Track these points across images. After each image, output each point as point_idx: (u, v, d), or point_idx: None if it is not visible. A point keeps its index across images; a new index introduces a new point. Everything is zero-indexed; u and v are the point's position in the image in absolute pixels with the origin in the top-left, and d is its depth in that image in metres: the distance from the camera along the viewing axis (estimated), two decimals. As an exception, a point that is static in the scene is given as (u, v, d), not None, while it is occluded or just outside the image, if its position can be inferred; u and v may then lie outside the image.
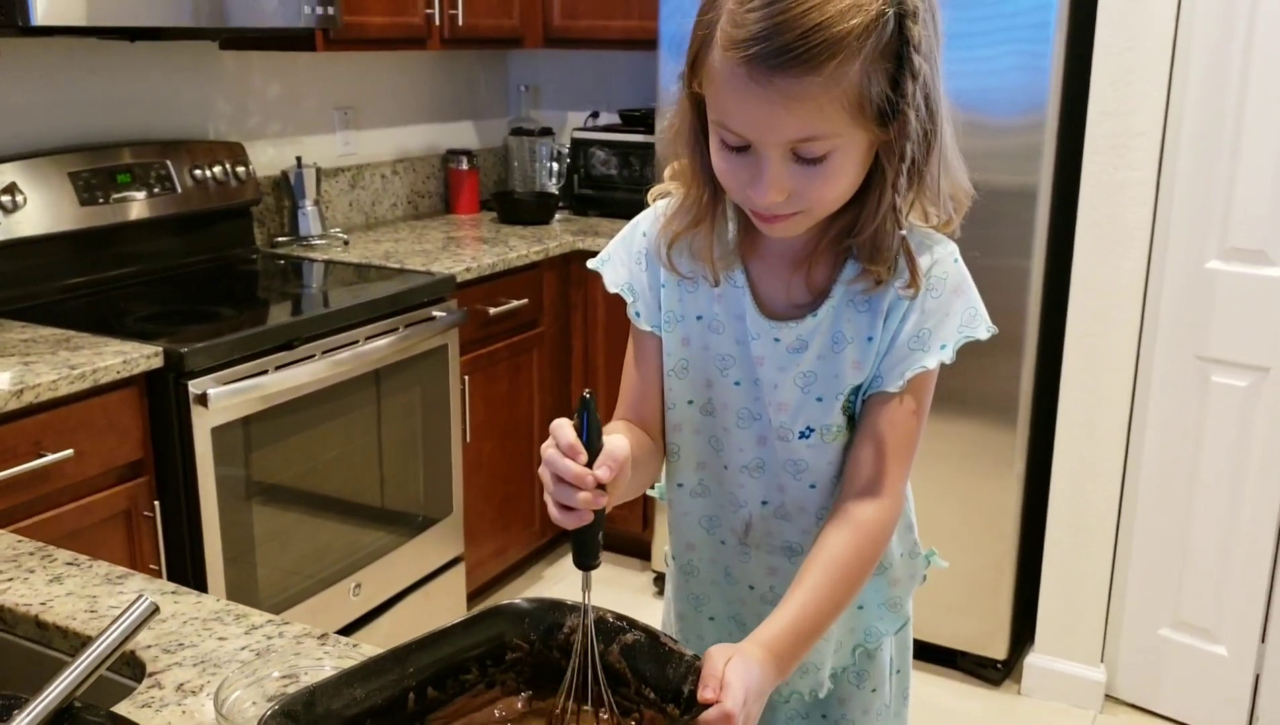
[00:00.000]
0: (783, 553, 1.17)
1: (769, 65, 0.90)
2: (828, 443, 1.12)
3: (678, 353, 1.16)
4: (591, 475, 0.91)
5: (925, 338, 1.07)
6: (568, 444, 0.91)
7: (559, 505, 0.92)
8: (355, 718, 0.87)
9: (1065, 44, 2.51)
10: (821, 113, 0.92)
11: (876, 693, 1.26)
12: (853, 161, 0.98)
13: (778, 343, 1.10)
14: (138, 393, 2.07)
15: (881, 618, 1.25)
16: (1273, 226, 2.37)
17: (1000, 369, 2.68)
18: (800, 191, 0.97)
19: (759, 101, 0.92)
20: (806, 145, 0.95)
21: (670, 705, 0.90)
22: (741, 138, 0.96)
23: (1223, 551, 2.56)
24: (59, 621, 1.14)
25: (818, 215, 1.02)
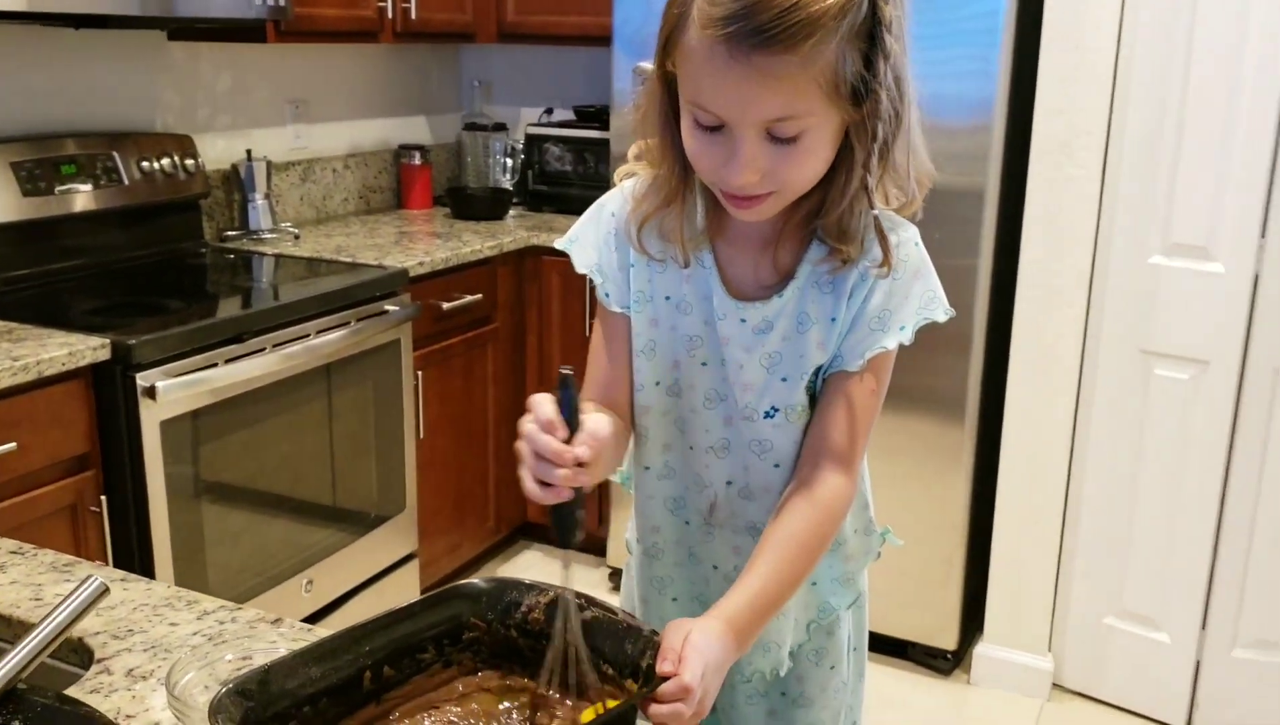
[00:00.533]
0: (747, 532, 1.18)
1: (747, 43, 0.91)
2: (792, 422, 1.13)
3: (646, 333, 1.16)
4: (571, 452, 0.90)
5: (886, 319, 1.08)
6: (546, 420, 0.91)
7: (537, 481, 0.91)
8: (311, 697, 0.87)
9: (1013, 47, 2.55)
10: (798, 92, 0.93)
11: (835, 669, 1.27)
12: (825, 141, 0.99)
13: (744, 323, 1.11)
14: (84, 385, 2.04)
15: (835, 593, 1.26)
16: (1214, 222, 2.42)
17: (949, 366, 2.71)
18: (773, 171, 0.98)
19: (736, 80, 0.93)
20: (781, 125, 0.95)
21: (629, 680, 0.90)
22: (716, 117, 0.97)
23: (1165, 541, 2.62)
24: (2, 610, 1.12)
25: (789, 197, 1.03)
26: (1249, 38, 2.32)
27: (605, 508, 3.24)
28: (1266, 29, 2.30)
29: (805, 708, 1.27)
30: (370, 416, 2.68)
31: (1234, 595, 2.58)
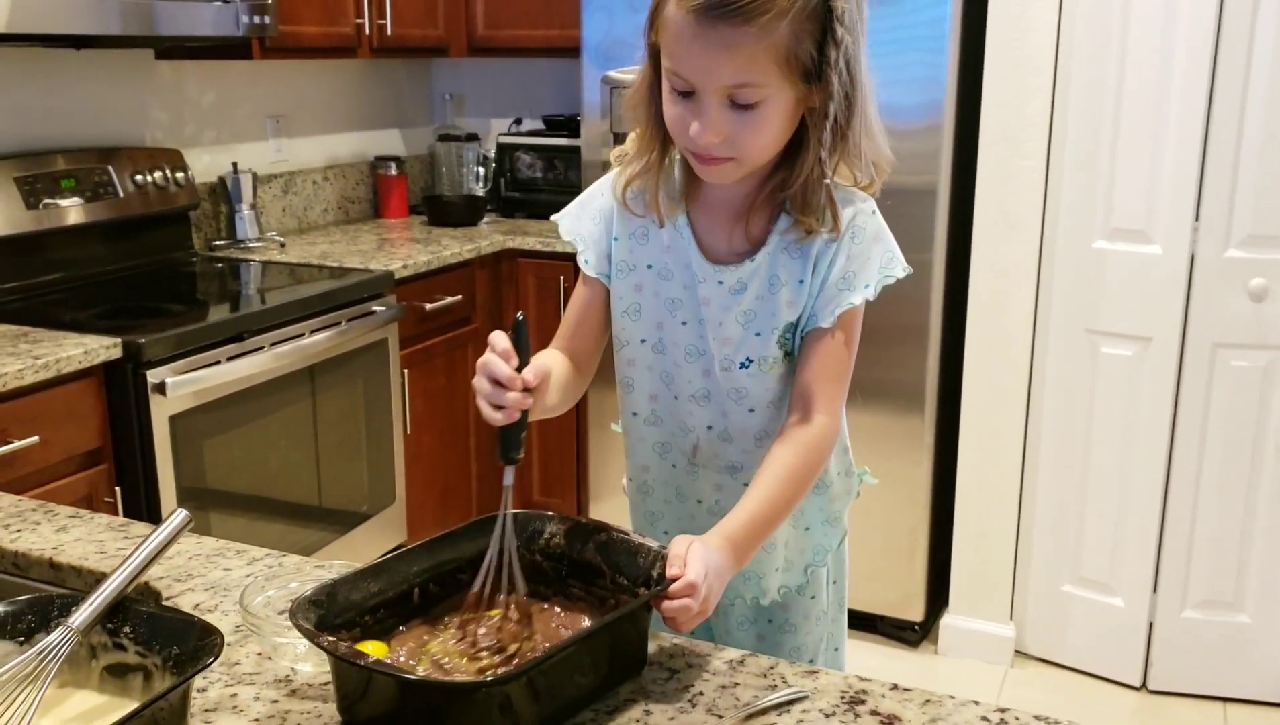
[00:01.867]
0: (727, 471, 1.33)
1: (712, 15, 1.07)
2: (765, 372, 1.27)
3: (630, 297, 1.30)
4: (520, 378, 1.05)
5: (851, 279, 1.23)
6: (503, 350, 1.06)
7: (491, 405, 1.06)
8: (373, 608, 1.00)
9: (959, 51, 2.72)
10: (755, 62, 1.09)
11: (815, 599, 1.42)
12: (780, 114, 1.14)
13: (721, 285, 1.25)
14: (97, 383, 2.15)
15: (825, 534, 1.41)
16: (1151, 207, 2.60)
17: (909, 354, 2.88)
18: (733, 136, 1.13)
19: (702, 47, 1.09)
20: (741, 91, 1.11)
21: (641, 588, 1.04)
22: (687, 82, 1.12)
23: (1116, 510, 2.79)
24: (72, 562, 1.24)
25: (747, 165, 1.18)
26: (1179, 34, 2.50)
27: (584, 497, 3.38)
28: (1195, 26, 2.48)
29: (790, 633, 1.41)
30: (360, 413, 2.80)
31: (1182, 559, 2.75)
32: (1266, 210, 2.52)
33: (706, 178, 1.21)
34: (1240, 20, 2.45)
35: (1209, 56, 2.48)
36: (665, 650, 1.07)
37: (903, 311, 2.87)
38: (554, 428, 3.39)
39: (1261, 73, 2.46)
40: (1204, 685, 2.78)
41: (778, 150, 1.19)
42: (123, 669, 0.94)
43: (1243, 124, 2.49)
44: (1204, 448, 2.68)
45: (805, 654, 1.43)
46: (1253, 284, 2.55)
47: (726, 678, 1.03)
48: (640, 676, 1.02)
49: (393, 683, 0.88)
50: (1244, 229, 2.54)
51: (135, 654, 0.93)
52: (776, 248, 1.24)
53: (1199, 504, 2.71)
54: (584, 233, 1.32)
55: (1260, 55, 2.45)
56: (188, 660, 0.88)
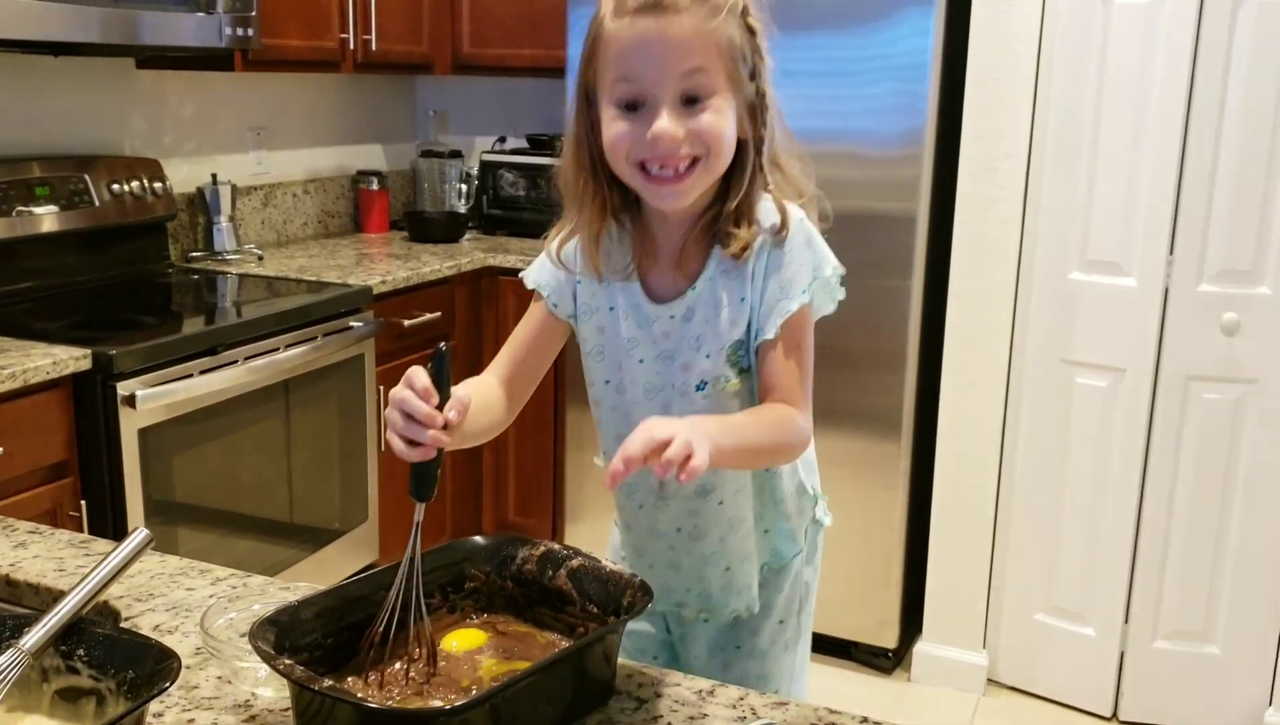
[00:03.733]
0: (698, 495, 1.33)
1: (653, 11, 1.12)
2: (720, 391, 1.28)
3: (594, 339, 1.33)
4: (441, 416, 1.04)
5: (787, 287, 1.25)
6: (423, 387, 1.04)
7: (406, 441, 1.04)
8: (337, 630, 0.98)
9: (940, 81, 2.74)
10: (704, 49, 1.13)
11: (783, 624, 1.41)
12: (729, 111, 1.17)
13: (673, 318, 1.28)
14: (65, 395, 2.12)
15: (784, 542, 1.42)
16: (1125, 240, 2.62)
17: (885, 381, 2.88)
18: (694, 132, 1.15)
19: (653, 41, 1.13)
20: (693, 78, 1.14)
21: (611, 617, 1.03)
22: (638, 88, 1.14)
23: (1089, 539, 2.79)
24: (29, 579, 1.22)
25: (712, 168, 1.19)
26: (1155, 71, 2.53)
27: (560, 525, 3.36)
28: (1172, 63, 2.51)
29: (758, 660, 1.41)
30: (335, 429, 2.78)
31: (1153, 590, 2.76)
32: (1239, 246, 2.54)
33: (666, 201, 1.21)
34: (1215, 58, 2.48)
35: (1184, 93, 2.51)
36: (633, 679, 1.06)
37: (880, 338, 2.88)
38: (530, 450, 3.38)
39: (1235, 110, 2.49)
40: (1174, 716, 2.79)
41: (729, 161, 1.21)
42: (75, 693, 0.92)
43: (1216, 160, 2.52)
44: (1176, 479, 2.69)
45: (771, 683, 1.42)
46: (1225, 318, 2.56)
47: (695, 708, 1.02)
48: (607, 706, 1.01)
49: (352, 710, 0.87)
50: (1217, 264, 2.56)
51: (89, 677, 0.91)
52: (715, 271, 1.26)
53: (1170, 535, 2.72)
54: (548, 280, 1.35)
55: (1234, 92, 2.48)
56: (143, 684, 0.86)
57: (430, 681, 0.98)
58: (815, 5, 2.80)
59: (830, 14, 2.79)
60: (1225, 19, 2.45)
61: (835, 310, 1.33)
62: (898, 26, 2.72)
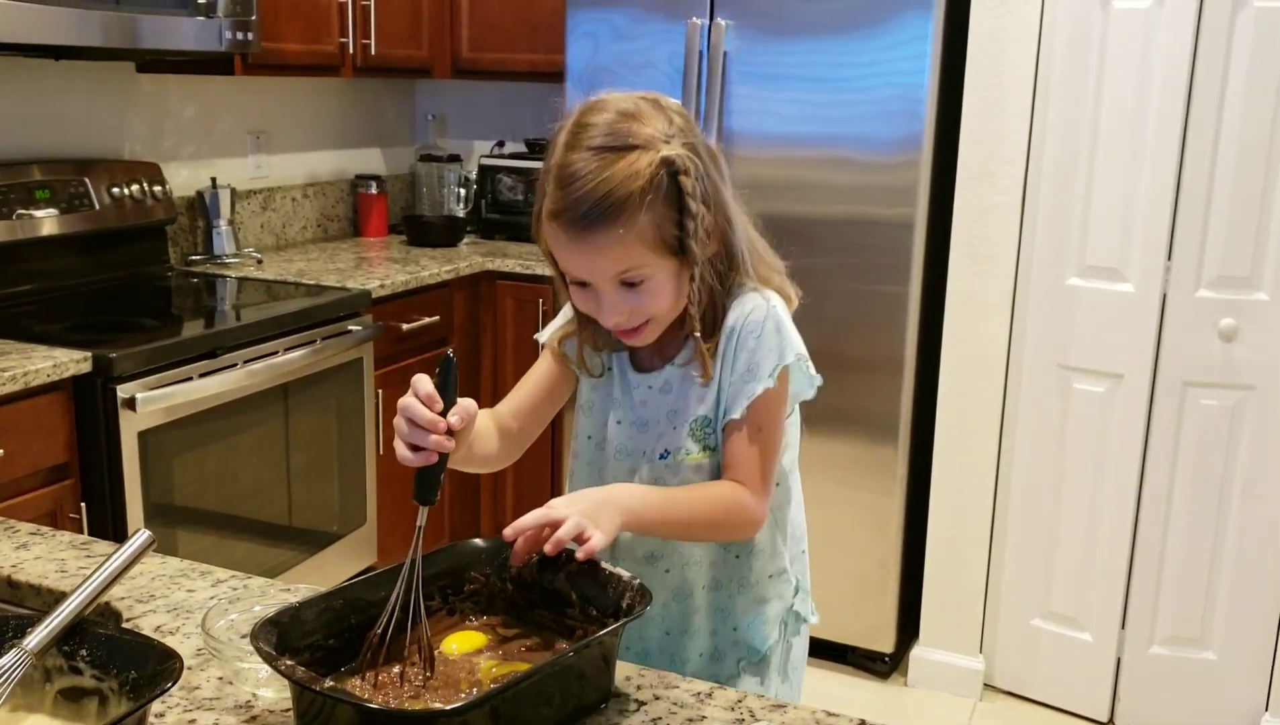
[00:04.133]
0: (645, 560, 1.36)
1: (579, 227, 1.19)
2: (680, 462, 1.33)
3: (587, 395, 1.40)
4: (445, 422, 1.08)
5: (755, 370, 1.29)
6: (426, 394, 1.08)
7: (410, 446, 1.08)
8: (338, 631, 0.99)
9: (938, 87, 2.75)
10: (628, 253, 1.20)
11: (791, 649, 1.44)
12: (668, 281, 1.24)
13: (651, 388, 1.35)
14: (65, 397, 2.12)
15: (756, 634, 1.41)
16: (1124, 246, 2.63)
17: (883, 386, 2.89)
18: (636, 308, 1.24)
19: (580, 253, 1.21)
20: (627, 275, 1.22)
21: (610, 619, 1.03)
22: (580, 278, 1.24)
23: (1086, 544, 2.80)
24: (31, 581, 1.22)
25: (663, 322, 1.28)
26: (1154, 77, 2.54)
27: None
28: (1170, 70, 2.52)
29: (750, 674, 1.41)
30: (333, 432, 2.78)
31: (1150, 596, 2.76)
32: (1236, 252, 2.55)
33: (634, 344, 1.31)
34: (1214, 64, 2.49)
35: (1183, 98, 2.52)
36: (632, 681, 1.06)
37: (877, 343, 2.88)
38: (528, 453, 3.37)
39: (1233, 116, 2.50)
40: (1170, 721, 2.79)
41: (683, 302, 1.28)
42: (78, 693, 0.93)
43: (1214, 166, 2.53)
44: (1173, 485, 2.70)
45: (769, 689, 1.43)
46: (1222, 324, 2.57)
47: (694, 710, 1.02)
48: (606, 708, 1.02)
49: (353, 711, 0.87)
50: (1214, 270, 2.57)
51: (91, 677, 0.92)
52: (691, 349, 1.32)
53: (1167, 541, 2.72)
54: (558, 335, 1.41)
55: (1232, 99, 2.49)
56: (145, 685, 0.87)
57: (428, 684, 0.99)
58: (814, 11, 2.82)
59: (829, 20, 2.80)
60: (1224, 25, 2.46)
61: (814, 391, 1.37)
62: (896, 32, 2.73)
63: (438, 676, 1.00)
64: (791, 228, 2.90)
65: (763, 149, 2.92)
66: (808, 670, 1.52)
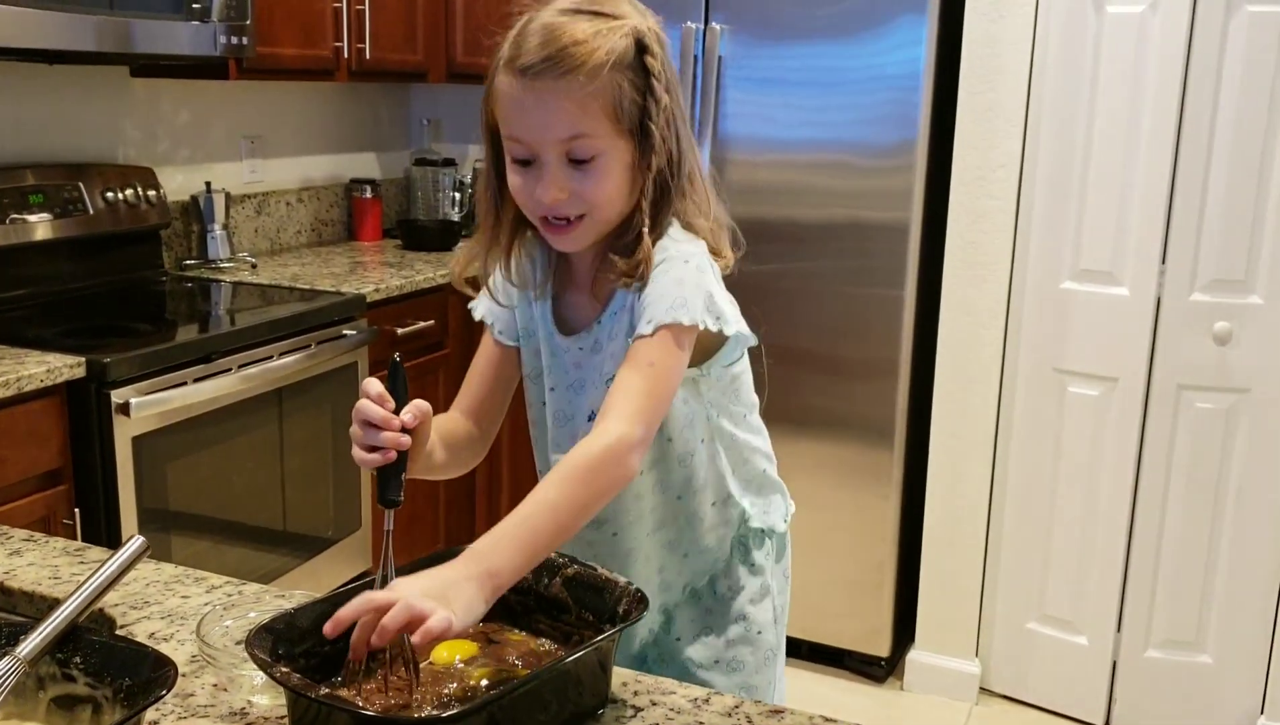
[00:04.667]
0: (592, 528, 1.31)
1: (535, 72, 1.14)
2: None
3: (531, 362, 1.36)
4: (396, 419, 1.07)
5: (644, 312, 1.19)
6: (377, 393, 1.07)
7: (366, 447, 1.07)
8: (332, 640, 0.98)
9: (933, 91, 2.76)
10: (585, 110, 1.15)
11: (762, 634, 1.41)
12: (618, 166, 1.19)
13: (581, 351, 1.31)
14: (59, 402, 2.12)
15: (704, 559, 1.39)
16: (1118, 249, 2.63)
17: (878, 390, 2.89)
18: (578, 192, 1.18)
19: (534, 104, 1.15)
20: (577, 143, 1.16)
21: (607, 625, 1.03)
22: (526, 147, 1.18)
23: (1081, 548, 2.80)
24: (24, 587, 1.21)
25: (598, 221, 1.21)
26: (1148, 82, 2.54)
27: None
28: (1164, 74, 2.52)
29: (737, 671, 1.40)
30: (328, 438, 2.78)
31: (1145, 599, 2.77)
32: (1231, 255, 2.55)
33: (561, 246, 1.25)
34: (1207, 68, 2.49)
35: (1176, 103, 2.52)
36: (629, 687, 1.06)
37: (872, 347, 2.89)
38: (523, 458, 3.37)
39: (1227, 120, 2.50)
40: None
41: (623, 208, 1.22)
42: (71, 701, 0.92)
43: (1208, 170, 2.53)
44: (1168, 488, 2.70)
45: (755, 694, 1.42)
46: (1216, 327, 2.58)
47: (690, 716, 1.02)
48: (603, 714, 1.01)
49: (349, 718, 0.87)
50: (1209, 273, 2.57)
51: (85, 685, 0.91)
52: (619, 305, 1.27)
53: (1163, 544, 2.73)
54: (492, 307, 1.36)
55: (1226, 102, 2.49)
56: (139, 692, 0.86)
57: (422, 692, 0.98)
58: (809, 15, 2.82)
59: (824, 24, 2.81)
60: (1217, 29, 2.47)
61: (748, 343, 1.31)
62: (891, 37, 2.73)
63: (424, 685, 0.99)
64: (787, 232, 2.91)
65: (758, 153, 2.92)
66: (803, 676, 1.52)
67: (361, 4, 3.19)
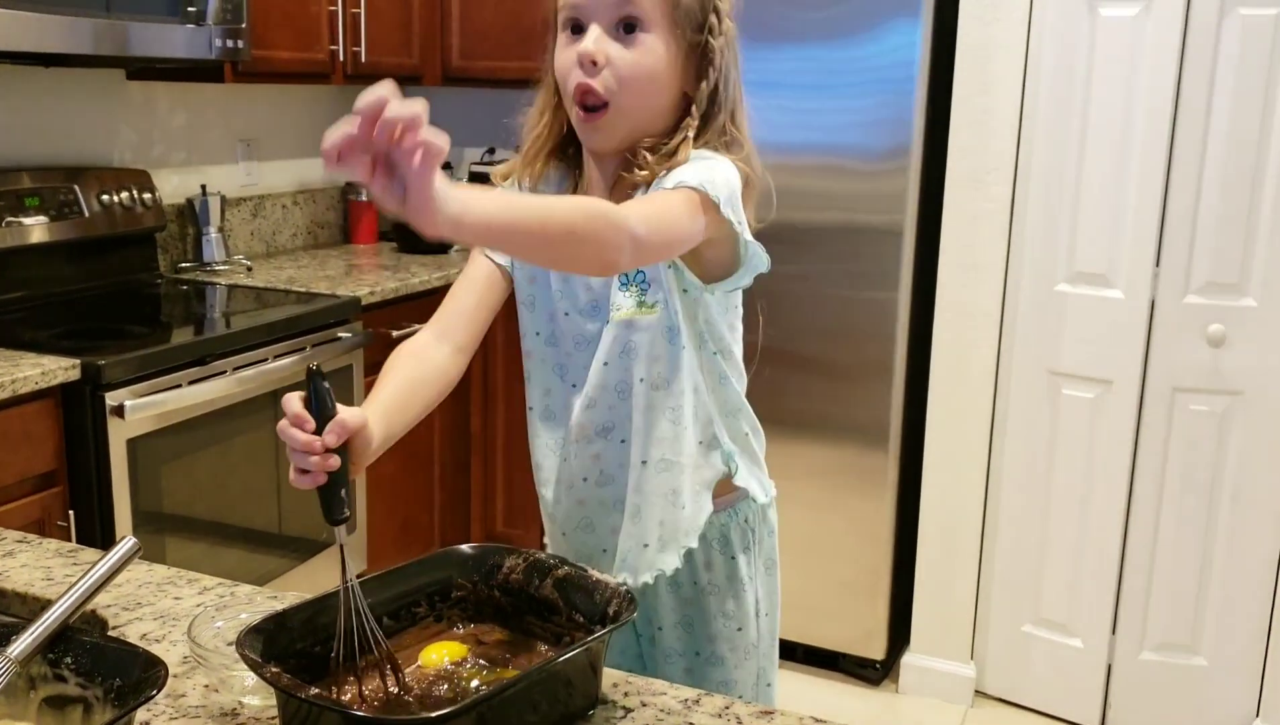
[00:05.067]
0: (599, 437, 1.34)
1: None
2: (615, 320, 1.29)
3: (526, 289, 1.35)
4: (319, 441, 1.02)
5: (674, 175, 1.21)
6: (294, 415, 1.01)
7: (297, 470, 1.04)
8: (323, 639, 0.98)
9: (927, 94, 2.76)
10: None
11: (742, 631, 1.41)
12: (658, 53, 1.21)
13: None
14: (53, 404, 2.12)
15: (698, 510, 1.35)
16: (1113, 251, 2.64)
17: (873, 392, 2.90)
18: (615, 63, 1.20)
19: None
20: (628, 8, 1.19)
21: (597, 626, 1.03)
22: (579, 11, 1.21)
23: (1076, 551, 2.80)
24: (17, 588, 1.22)
25: (625, 112, 1.23)
26: (1141, 84, 2.55)
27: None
28: (1157, 77, 2.53)
29: (718, 666, 1.40)
30: (324, 440, 2.77)
31: (1140, 601, 2.77)
32: (1224, 258, 2.56)
33: (590, 141, 1.26)
34: (1201, 71, 2.50)
35: (1170, 106, 2.53)
36: (619, 688, 1.06)
37: (867, 350, 2.89)
38: (519, 461, 3.37)
39: (1220, 122, 2.51)
40: (1161, 728, 2.80)
41: (654, 107, 1.24)
42: (62, 701, 0.92)
43: (1202, 173, 2.54)
44: (1162, 491, 2.70)
45: (735, 689, 1.42)
46: (1210, 330, 2.58)
47: (680, 717, 1.02)
48: (593, 715, 1.01)
49: (339, 718, 0.87)
50: (1202, 276, 2.58)
51: (76, 685, 0.91)
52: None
53: (1157, 546, 2.73)
54: None
55: (1219, 105, 2.50)
56: (130, 692, 0.86)
57: (410, 692, 0.98)
58: (802, 18, 2.82)
59: (817, 27, 2.81)
60: (1210, 32, 2.48)
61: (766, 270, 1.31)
62: (885, 40, 2.74)
63: (426, 684, 1.00)
64: (781, 235, 2.89)
65: (752, 156, 2.92)
66: (798, 678, 1.52)
67: (357, 7, 3.20)
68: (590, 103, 1.22)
